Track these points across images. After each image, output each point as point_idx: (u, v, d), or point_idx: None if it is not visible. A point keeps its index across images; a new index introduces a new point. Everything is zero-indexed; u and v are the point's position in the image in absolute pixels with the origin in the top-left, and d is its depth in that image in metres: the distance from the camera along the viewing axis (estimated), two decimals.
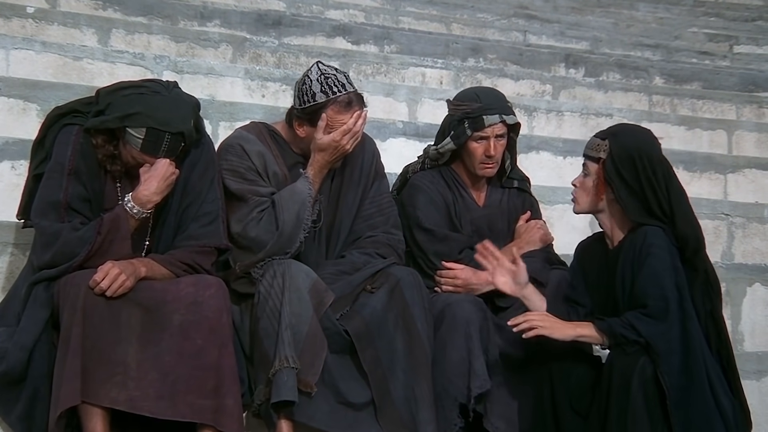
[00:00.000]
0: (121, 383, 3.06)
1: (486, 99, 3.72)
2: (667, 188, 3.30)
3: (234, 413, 3.12)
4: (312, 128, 3.51)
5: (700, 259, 3.33)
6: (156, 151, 3.22)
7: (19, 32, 5.74)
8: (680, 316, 3.18)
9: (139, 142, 3.21)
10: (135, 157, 3.25)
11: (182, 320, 3.12)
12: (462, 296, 3.57)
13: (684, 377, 3.14)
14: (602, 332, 3.20)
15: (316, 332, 3.32)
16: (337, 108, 3.48)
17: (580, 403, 3.27)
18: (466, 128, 3.69)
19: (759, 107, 7.37)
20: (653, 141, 3.39)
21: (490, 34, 8.37)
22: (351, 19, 7.84)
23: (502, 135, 3.72)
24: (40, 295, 3.17)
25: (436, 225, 3.73)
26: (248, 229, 3.44)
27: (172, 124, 3.21)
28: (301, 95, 3.52)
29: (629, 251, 3.28)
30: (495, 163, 3.75)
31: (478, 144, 3.71)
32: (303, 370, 3.26)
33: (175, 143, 3.24)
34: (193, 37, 6.30)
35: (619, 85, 7.29)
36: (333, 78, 3.50)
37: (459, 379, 3.44)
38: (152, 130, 3.20)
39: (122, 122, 3.21)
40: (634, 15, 10.16)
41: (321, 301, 3.36)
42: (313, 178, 3.51)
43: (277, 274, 3.34)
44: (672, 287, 3.19)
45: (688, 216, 3.33)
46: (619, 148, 3.31)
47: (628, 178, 3.28)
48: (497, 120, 3.68)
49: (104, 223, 3.19)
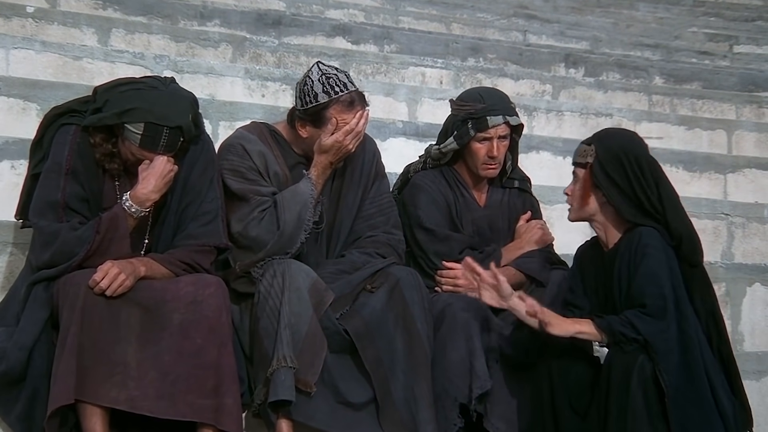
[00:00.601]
0: (120, 383, 3.05)
1: (490, 100, 3.72)
2: (657, 186, 3.31)
3: (233, 412, 3.12)
4: (315, 129, 3.51)
5: (697, 255, 3.34)
6: (155, 146, 3.22)
7: (19, 32, 5.74)
8: (676, 316, 3.18)
9: (138, 137, 3.20)
10: (134, 153, 3.24)
11: (182, 319, 3.12)
12: (462, 296, 3.57)
13: (682, 376, 3.14)
14: (601, 330, 3.21)
15: (316, 332, 3.31)
16: (339, 107, 3.47)
17: (579, 402, 3.28)
18: (469, 128, 3.69)
19: (759, 107, 7.37)
20: (639, 141, 3.40)
21: (490, 33, 8.36)
22: (351, 18, 7.83)
23: (505, 136, 3.71)
24: (39, 295, 3.16)
25: (437, 225, 3.73)
26: (249, 228, 3.44)
27: (171, 119, 3.21)
28: (303, 96, 3.51)
29: (625, 253, 3.28)
30: (498, 164, 3.74)
31: (481, 145, 3.71)
32: (302, 370, 3.26)
33: (174, 138, 3.23)
34: (193, 37, 6.30)
35: (618, 85, 7.29)
36: (334, 78, 3.50)
37: (459, 379, 3.43)
38: (150, 125, 3.19)
39: (120, 118, 3.21)
40: (633, 15, 10.16)
41: (321, 300, 3.36)
42: (315, 179, 3.51)
43: (277, 274, 3.33)
44: (669, 287, 3.20)
45: (680, 214, 3.34)
46: (605, 151, 3.32)
47: (617, 179, 3.29)
48: (501, 121, 3.68)
49: (102, 222, 3.18)
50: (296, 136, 3.59)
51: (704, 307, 3.31)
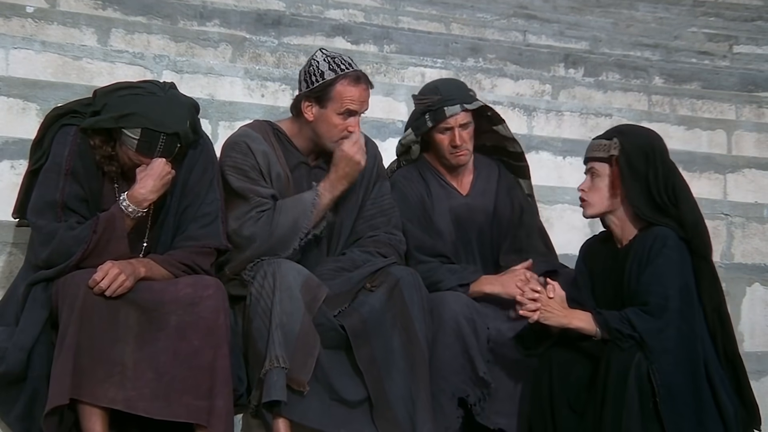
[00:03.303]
0: (118, 383, 3.06)
1: (446, 90, 3.79)
2: (673, 183, 3.33)
3: (222, 415, 3.11)
4: (321, 109, 3.53)
5: (708, 248, 3.34)
6: (151, 151, 3.22)
7: (19, 32, 5.74)
8: (679, 317, 3.18)
9: (135, 142, 3.21)
10: (131, 158, 3.25)
11: (179, 321, 3.12)
12: (448, 294, 3.58)
13: (679, 377, 3.14)
14: (598, 325, 3.21)
15: (308, 330, 3.31)
16: (346, 82, 3.51)
17: (577, 400, 3.27)
18: (426, 120, 3.77)
19: (758, 107, 7.37)
20: (659, 137, 3.44)
21: (490, 33, 8.36)
22: (350, 18, 7.83)
23: (466, 124, 3.78)
24: (38, 295, 3.17)
25: (408, 220, 3.77)
26: (244, 227, 3.44)
27: (167, 125, 3.21)
28: (309, 77, 3.55)
29: (639, 250, 3.29)
30: (466, 150, 3.81)
31: (444, 135, 3.79)
32: (295, 369, 3.26)
33: (171, 144, 3.23)
34: (192, 37, 6.30)
35: (618, 85, 7.28)
36: (339, 58, 3.57)
37: (454, 376, 3.45)
38: (147, 130, 3.19)
39: (117, 122, 3.21)
40: (633, 15, 10.15)
41: (314, 297, 3.36)
42: (322, 190, 3.51)
43: (268, 275, 3.33)
44: (676, 288, 3.20)
45: (692, 207, 3.35)
46: (631, 145, 3.34)
47: (640, 174, 3.30)
48: (458, 110, 3.75)
49: (100, 222, 3.18)
50: (300, 127, 3.60)
51: (711, 304, 3.31)
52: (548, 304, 3.25)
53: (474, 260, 3.83)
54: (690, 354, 3.18)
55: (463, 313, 3.51)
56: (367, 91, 3.57)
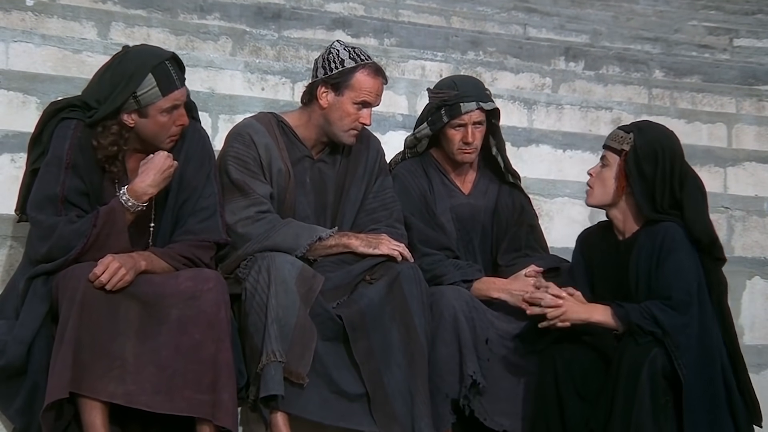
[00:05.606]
0: (119, 377, 3.05)
1: (463, 87, 3.78)
2: (681, 185, 3.31)
3: (229, 407, 3.11)
4: (336, 97, 3.54)
5: (717, 249, 3.34)
6: (172, 83, 3.23)
7: (19, 25, 5.74)
8: (699, 314, 3.18)
9: (156, 88, 3.21)
10: (164, 111, 3.22)
11: (180, 315, 3.12)
12: (448, 289, 3.57)
13: (698, 373, 3.15)
14: (618, 319, 3.20)
15: (305, 323, 3.31)
16: (366, 71, 3.55)
17: (586, 389, 3.26)
18: (442, 115, 3.75)
19: (759, 100, 7.37)
20: (677, 140, 3.41)
21: (490, 27, 8.36)
22: (351, 12, 7.83)
23: (479, 122, 3.77)
24: (38, 289, 3.16)
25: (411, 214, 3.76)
26: (239, 225, 3.44)
27: (159, 55, 3.27)
28: (327, 64, 3.56)
29: (647, 244, 3.28)
30: (474, 149, 3.79)
31: (456, 131, 3.77)
32: (293, 362, 3.26)
33: (179, 69, 3.27)
34: (192, 30, 6.30)
35: (618, 79, 7.28)
36: (358, 49, 3.62)
37: (449, 375, 3.44)
38: (155, 68, 3.21)
39: (129, 88, 3.19)
40: (633, 8, 10.15)
41: (310, 287, 3.35)
42: (321, 243, 3.46)
43: (262, 269, 3.32)
44: (694, 284, 3.20)
45: (700, 214, 3.33)
46: (643, 142, 3.33)
47: (646, 173, 3.29)
48: (474, 107, 3.74)
49: (100, 215, 3.17)
50: (309, 116, 3.61)
51: (716, 300, 3.31)
52: (568, 304, 3.25)
53: (474, 259, 3.83)
54: (708, 351, 3.18)
55: (462, 309, 3.50)
56: (383, 86, 3.60)
